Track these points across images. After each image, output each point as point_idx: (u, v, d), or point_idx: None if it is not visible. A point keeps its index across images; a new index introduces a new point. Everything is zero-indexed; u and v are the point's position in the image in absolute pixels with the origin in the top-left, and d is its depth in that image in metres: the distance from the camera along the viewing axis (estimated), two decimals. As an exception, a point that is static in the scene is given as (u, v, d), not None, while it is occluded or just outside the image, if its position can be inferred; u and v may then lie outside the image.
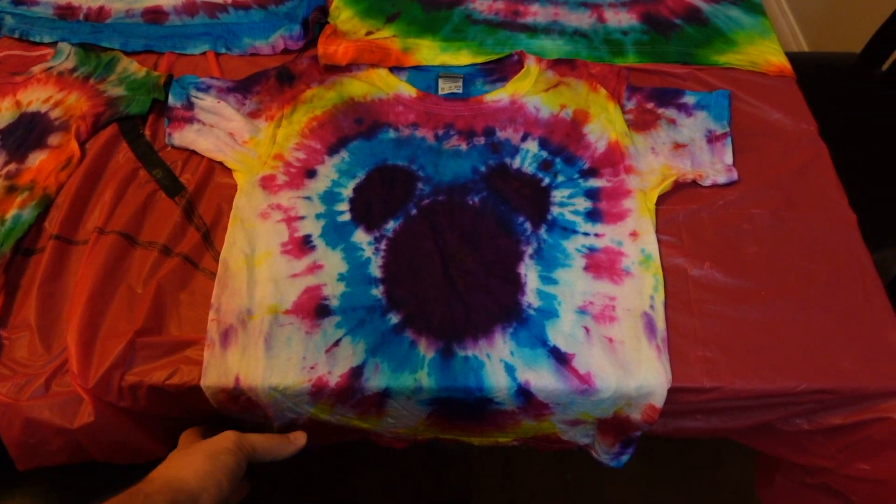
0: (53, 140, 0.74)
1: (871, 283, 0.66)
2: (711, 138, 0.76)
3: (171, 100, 0.77)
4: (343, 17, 0.89)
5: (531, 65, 0.82)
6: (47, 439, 0.58)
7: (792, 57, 0.90)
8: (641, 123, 0.78)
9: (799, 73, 0.85)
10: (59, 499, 0.74)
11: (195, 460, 0.51)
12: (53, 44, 0.84)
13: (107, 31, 0.85)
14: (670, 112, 0.79)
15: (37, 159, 0.72)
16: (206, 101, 0.77)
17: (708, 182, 0.73)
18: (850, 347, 0.62)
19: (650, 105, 0.79)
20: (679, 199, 0.72)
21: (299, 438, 0.60)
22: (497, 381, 0.59)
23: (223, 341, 0.60)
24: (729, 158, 0.75)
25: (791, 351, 0.61)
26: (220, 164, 0.73)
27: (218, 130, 0.75)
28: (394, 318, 0.62)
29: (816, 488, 0.68)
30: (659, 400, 0.59)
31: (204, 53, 0.85)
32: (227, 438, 0.54)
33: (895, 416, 0.59)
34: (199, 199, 0.70)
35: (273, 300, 0.63)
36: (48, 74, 0.81)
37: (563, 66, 0.83)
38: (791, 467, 0.71)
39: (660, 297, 0.64)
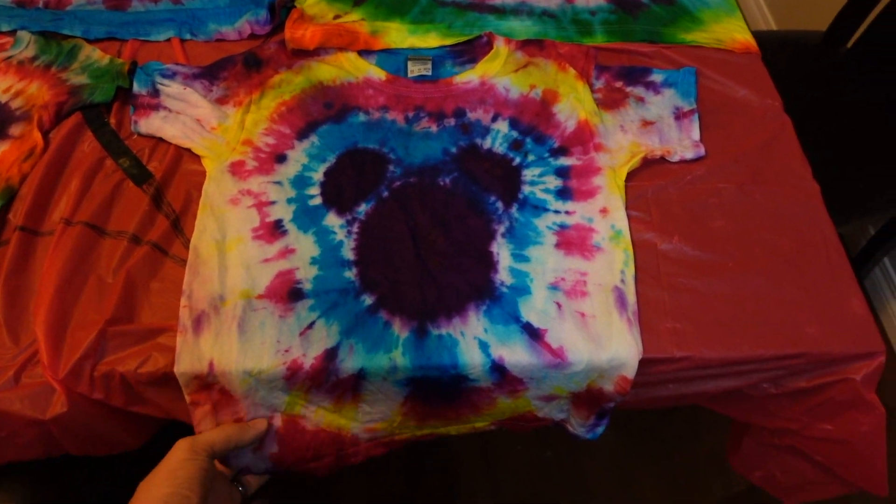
0: (15, 130, 0.73)
1: (834, 252, 0.67)
2: (679, 115, 0.77)
3: (135, 87, 0.76)
4: (310, 0, 0.88)
5: (500, 46, 0.83)
6: (19, 431, 0.58)
7: (759, 35, 0.91)
8: (610, 102, 0.78)
9: (765, 51, 0.86)
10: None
11: (155, 485, 0.51)
12: (12, 32, 0.82)
13: (68, 19, 0.83)
14: (638, 90, 0.79)
15: (-2, 150, 0.71)
16: (171, 88, 0.76)
17: (676, 158, 0.74)
18: (815, 315, 0.63)
19: (619, 84, 0.80)
20: (648, 175, 0.73)
21: (259, 422, 0.60)
22: (471, 357, 0.60)
23: (196, 327, 0.60)
24: (696, 134, 0.76)
25: (758, 320, 0.63)
26: (188, 150, 0.72)
27: (185, 117, 0.74)
28: (367, 300, 0.62)
29: (782, 449, 0.70)
30: (630, 371, 0.60)
31: (168, 40, 0.84)
32: (179, 449, 0.54)
33: (855, 377, 0.61)
34: (167, 186, 0.70)
35: (245, 285, 0.62)
36: (8, 64, 0.79)
37: (531, 46, 0.83)
38: (759, 431, 0.73)
39: (630, 272, 0.65)
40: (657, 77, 0.80)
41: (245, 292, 0.62)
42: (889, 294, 1.47)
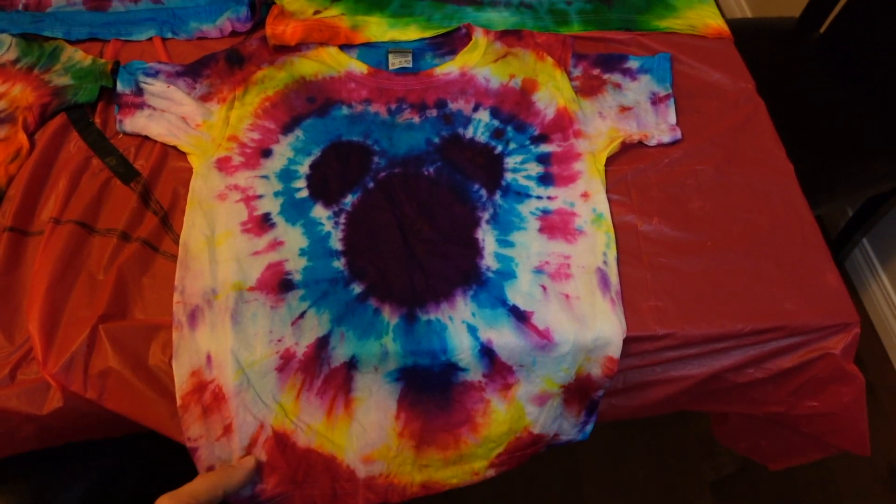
0: (0, 133, 0.73)
1: (808, 228, 0.70)
2: (655, 100, 0.79)
3: (119, 86, 0.77)
4: (290, -3, 0.89)
5: (479, 37, 0.84)
6: (17, 427, 0.58)
7: (733, 23, 0.93)
8: (588, 89, 0.80)
9: (740, 38, 0.88)
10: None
11: None
12: (-7, 36, 0.83)
13: (48, 20, 0.83)
14: (615, 77, 0.81)
15: (-16, 153, 0.71)
16: (155, 87, 0.76)
17: (653, 142, 0.75)
18: (792, 289, 0.65)
19: (596, 71, 0.82)
20: (627, 159, 0.75)
21: (247, 461, 0.58)
22: (460, 341, 0.61)
23: (191, 322, 0.61)
24: (672, 118, 0.78)
25: (737, 296, 0.65)
26: (174, 148, 0.73)
27: (169, 115, 0.74)
28: (357, 288, 0.64)
29: (768, 420, 0.72)
30: (616, 350, 0.62)
31: (150, 39, 0.84)
32: None
33: (836, 351, 0.63)
34: (154, 183, 0.70)
35: (236, 278, 0.63)
36: (-11, 67, 0.79)
37: (510, 36, 0.85)
38: (745, 411, 0.75)
39: (612, 253, 0.66)
40: (633, 63, 0.82)
41: (237, 284, 0.63)
42: (869, 274, 1.50)
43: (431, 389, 0.63)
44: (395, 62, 0.82)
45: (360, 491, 0.62)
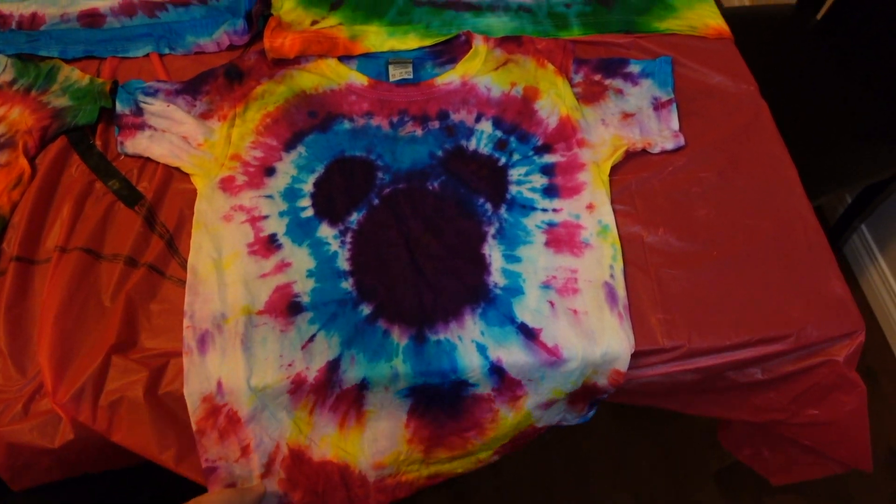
0: (0, 158, 0.73)
1: (813, 235, 0.70)
2: (657, 105, 0.79)
3: (118, 107, 0.76)
4: (286, 7, 0.88)
5: (479, 44, 0.83)
6: (34, 460, 0.59)
7: (731, 12, 0.92)
8: (590, 95, 0.80)
9: (738, 28, 0.88)
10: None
11: None
12: (-13, 56, 0.82)
13: (43, 39, 0.83)
14: (617, 82, 0.81)
15: (-15, 179, 0.71)
16: (154, 106, 0.76)
17: (657, 149, 0.75)
18: (797, 297, 0.66)
19: (597, 77, 0.81)
20: (631, 167, 0.75)
21: (257, 486, 0.60)
22: (470, 360, 0.61)
23: (201, 347, 0.61)
24: (675, 124, 0.77)
25: (743, 306, 0.65)
26: (178, 169, 0.73)
27: (170, 135, 0.74)
28: (365, 310, 0.64)
29: (770, 429, 0.73)
30: (623, 364, 0.62)
31: (147, 55, 0.83)
32: None
33: (839, 358, 0.64)
34: (159, 206, 0.70)
35: (245, 301, 0.63)
36: (-14, 89, 0.78)
37: (510, 43, 0.84)
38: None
39: (619, 266, 0.67)
40: (634, 68, 0.82)
41: (245, 308, 0.63)
42: (868, 260, 1.51)
43: (441, 402, 0.63)
44: (395, 73, 0.82)
45: (372, 494, 0.64)
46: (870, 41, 1.21)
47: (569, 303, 0.65)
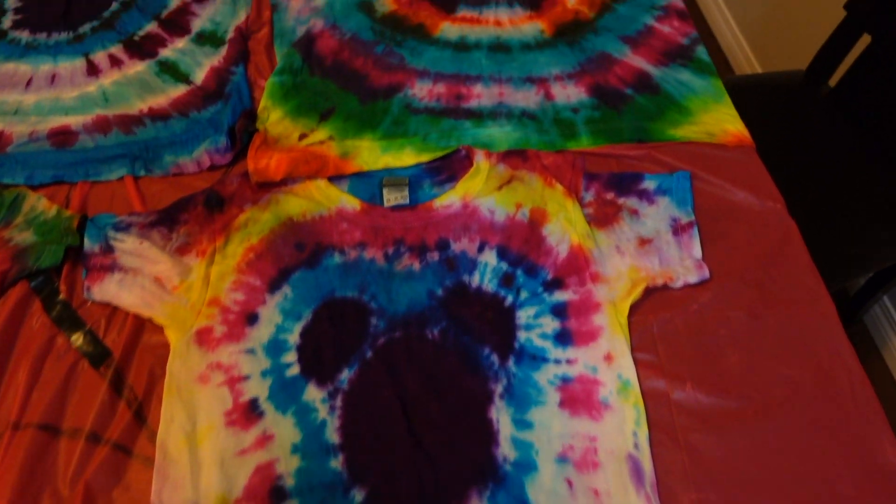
0: (-45, 307, 0.66)
1: (859, 387, 0.62)
2: (677, 229, 0.72)
3: (87, 244, 0.69)
4: (273, 118, 0.82)
5: (480, 161, 0.77)
6: None
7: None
8: (602, 217, 0.73)
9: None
10: None
11: None
12: (-52, 183, 0.76)
13: (8, 164, 0.76)
14: (631, 201, 0.74)
15: (-63, 333, 0.64)
16: (126, 243, 0.69)
17: (679, 283, 0.68)
18: (846, 468, 0.58)
19: (610, 195, 0.75)
20: (650, 306, 0.67)
21: None
22: (478, 560, 0.54)
23: (168, 546, 0.53)
24: (697, 251, 0.71)
25: (786, 479, 0.58)
26: (150, 319, 0.66)
27: (143, 279, 0.67)
28: (358, 496, 0.56)
29: None
30: (653, 557, 0.55)
31: (121, 178, 0.77)
32: None
33: (901, 542, 0.56)
34: (127, 365, 0.63)
35: (221, 488, 0.56)
36: (-56, 222, 0.72)
37: (514, 158, 0.78)
38: None
39: (643, 433, 0.59)
40: (650, 184, 0.75)
41: (221, 498, 0.55)
42: (889, 329, 1.44)
43: None
44: (390, 198, 0.75)
45: None
46: (884, 111, 1.15)
47: (588, 481, 0.57)
